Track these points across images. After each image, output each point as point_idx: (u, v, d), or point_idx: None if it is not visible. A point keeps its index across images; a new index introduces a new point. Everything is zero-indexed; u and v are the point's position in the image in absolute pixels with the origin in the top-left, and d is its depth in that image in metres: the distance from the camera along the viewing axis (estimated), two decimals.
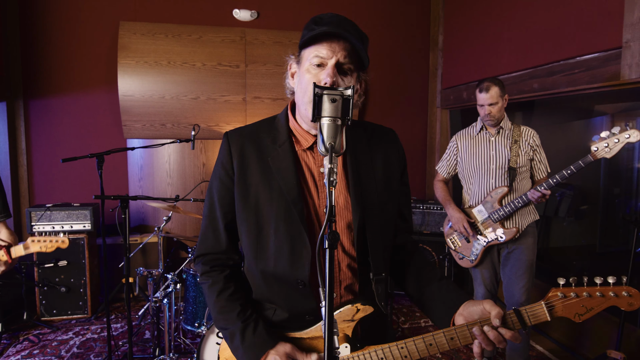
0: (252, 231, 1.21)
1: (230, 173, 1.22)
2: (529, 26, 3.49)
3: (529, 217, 2.75)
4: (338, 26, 1.11)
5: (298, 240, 1.16)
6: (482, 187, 2.78)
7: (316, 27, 1.12)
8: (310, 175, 1.22)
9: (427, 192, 5.12)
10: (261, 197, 1.19)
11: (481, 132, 2.82)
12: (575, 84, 3.07)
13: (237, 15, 4.50)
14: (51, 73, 4.22)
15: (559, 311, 1.07)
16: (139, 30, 4.25)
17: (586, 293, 1.06)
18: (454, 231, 2.92)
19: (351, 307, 1.17)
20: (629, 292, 1.05)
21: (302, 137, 1.23)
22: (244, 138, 1.24)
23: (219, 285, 1.25)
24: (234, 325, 1.19)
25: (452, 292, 1.21)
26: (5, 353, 3.22)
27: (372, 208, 1.20)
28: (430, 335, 1.10)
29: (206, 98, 4.40)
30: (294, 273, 1.17)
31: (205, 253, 1.29)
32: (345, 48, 1.12)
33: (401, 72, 4.98)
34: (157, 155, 4.50)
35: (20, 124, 4.20)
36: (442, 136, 4.93)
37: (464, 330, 1.08)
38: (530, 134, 2.72)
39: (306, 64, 1.15)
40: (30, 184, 4.30)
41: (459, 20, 4.54)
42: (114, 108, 4.31)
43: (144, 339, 3.44)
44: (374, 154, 1.26)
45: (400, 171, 1.31)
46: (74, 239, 3.78)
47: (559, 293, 1.07)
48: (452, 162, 2.98)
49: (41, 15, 4.15)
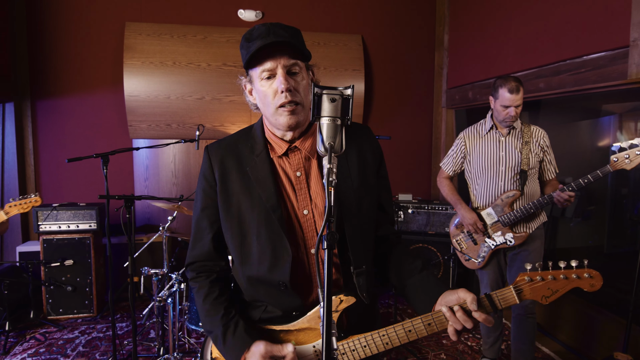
0: (235, 238, 1.28)
1: (212, 184, 1.29)
2: (534, 25, 3.46)
3: (538, 220, 2.71)
4: (268, 35, 1.14)
5: (279, 245, 1.22)
6: (491, 189, 2.72)
7: (250, 44, 1.16)
8: (287, 180, 1.27)
9: (432, 192, 5.10)
10: (243, 206, 1.26)
11: (491, 132, 2.72)
12: (581, 84, 3.03)
13: (242, 16, 4.51)
14: (58, 74, 4.26)
15: (527, 294, 1.15)
16: (145, 30, 4.27)
17: (551, 276, 1.14)
18: (460, 232, 2.87)
19: (334, 299, 1.22)
20: (590, 274, 1.13)
21: (276, 145, 1.28)
22: (223, 150, 1.30)
23: (205, 290, 1.31)
24: (217, 328, 1.25)
25: (432, 283, 1.26)
26: (12, 351, 3.25)
27: (349, 206, 1.24)
28: (409, 322, 1.17)
29: (211, 98, 4.42)
30: (275, 276, 1.23)
31: (193, 261, 1.37)
32: (285, 52, 1.16)
33: (406, 71, 4.96)
34: (162, 155, 4.52)
35: (27, 125, 4.24)
36: (448, 136, 4.90)
37: (440, 316, 1.15)
38: (541, 135, 2.66)
39: (257, 81, 1.20)
40: (38, 184, 4.33)
41: (465, 20, 4.51)
42: (119, 108, 4.34)
43: (149, 338, 3.46)
44: (349, 152, 1.29)
45: (376, 165, 1.35)
46: (80, 238, 3.81)
47: (526, 277, 1.15)
48: (459, 160, 2.89)
49: (48, 17, 4.19)
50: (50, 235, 3.75)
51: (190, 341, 3.26)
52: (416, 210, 4.27)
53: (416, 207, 4.28)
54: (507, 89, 2.52)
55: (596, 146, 4.61)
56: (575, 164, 4.39)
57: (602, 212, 4.38)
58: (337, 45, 4.65)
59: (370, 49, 4.83)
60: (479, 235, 2.77)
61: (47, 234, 3.75)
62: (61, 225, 3.78)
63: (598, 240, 4.53)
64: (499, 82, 2.58)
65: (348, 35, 4.71)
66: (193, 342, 3.26)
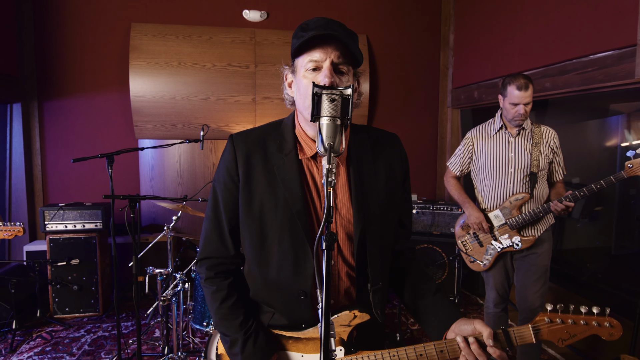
0: (255, 239, 1.22)
1: (235, 179, 1.21)
2: (540, 24, 3.43)
3: (546, 223, 2.66)
4: (326, 28, 1.10)
5: (302, 252, 1.17)
6: (499, 191, 2.66)
7: (305, 33, 1.11)
8: (314, 186, 1.21)
9: (437, 192, 5.07)
10: (266, 206, 1.19)
11: (500, 132, 2.67)
12: (588, 83, 3.00)
13: (247, 16, 4.52)
14: (64, 75, 4.29)
15: (544, 335, 1.13)
16: (150, 31, 4.30)
17: (571, 320, 1.13)
18: (465, 233, 2.84)
19: (349, 313, 1.19)
20: (611, 323, 1.12)
21: (306, 145, 1.22)
22: (249, 144, 1.22)
23: (223, 293, 1.25)
24: (236, 333, 1.21)
25: (446, 307, 1.23)
26: (19, 349, 3.28)
27: (374, 220, 1.20)
28: (422, 346, 1.13)
29: (216, 98, 4.43)
30: (296, 283, 1.19)
31: (209, 256, 1.29)
32: (337, 48, 1.11)
33: (411, 71, 4.94)
34: (167, 155, 4.54)
35: (34, 125, 4.28)
36: (453, 136, 4.88)
37: (454, 345, 1.12)
38: (551, 135, 2.62)
39: (302, 71, 1.14)
40: (44, 184, 4.37)
41: (470, 19, 4.49)
42: (125, 109, 4.37)
43: (154, 337, 3.47)
44: (378, 163, 1.25)
45: (402, 179, 1.31)
46: (86, 237, 3.84)
47: (546, 318, 1.14)
48: (466, 160, 2.84)
49: (54, 18, 4.22)
50: (56, 235, 3.78)
51: (194, 340, 3.27)
52: (421, 210, 4.25)
53: (421, 207, 4.26)
54: (515, 86, 2.48)
55: (604, 146, 4.56)
56: (582, 165, 4.35)
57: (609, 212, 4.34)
58: None
59: (375, 48, 4.82)
60: (485, 237, 2.73)
61: (53, 234, 3.78)
62: (67, 224, 3.80)
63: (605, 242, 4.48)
64: (508, 80, 2.54)
65: None
66: (197, 342, 3.27)
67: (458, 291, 4.05)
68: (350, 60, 1.14)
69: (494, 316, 2.83)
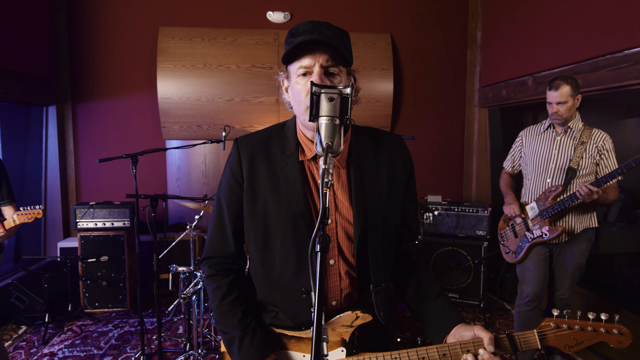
0: (259, 239, 1.23)
1: (239, 180, 1.24)
2: (571, 19, 3.29)
3: (584, 222, 2.70)
4: (312, 32, 1.11)
5: (304, 251, 1.19)
6: (538, 185, 2.79)
7: (293, 39, 1.12)
8: (315, 187, 1.22)
9: (463, 194, 4.95)
10: (269, 206, 1.21)
11: (547, 130, 2.78)
12: (622, 79, 2.85)
13: (271, 18, 4.55)
14: (96, 78, 4.46)
15: (550, 340, 1.10)
16: (177, 35, 4.40)
17: (578, 326, 1.09)
18: (505, 225, 3.00)
19: (351, 314, 1.18)
20: (620, 331, 1.08)
21: (306, 148, 1.23)
22: (253, 146, 1.25)
23: (223, 290, 1.27)
24: (234, 331, 1.22)
25: (447, 311, 1.22)
26: (50, 342, 3.42)
27: (375, 221, 1.20)
28: (424, 349, 1.11)
29: (240, 99, 4.49)
30: (299, 282, 1.20)
31: (211, 256, 1.32)
32: (326, 51, 1.12)
33: (437, 70, 4.84)
34: (193, 156, 4.64)
35: (68, 127, 4.47)
36: (481, 136, 4.75)
37: (457, 349, 1.10)
38: (601, 137, 2.63)
39: (294, 77, 1.16)
40: (78, 183, 4.55)
41: (498, 15, 4.35)
42: (153, 110, 4.49)
43: (178, 334, 3.55)
44: (380, 164, 1.25)
45: (405, 180, 1.30)
46: (114, 235, 3.96)
47: (552, 323, 1.10)
48: (517, 157, 3.00)
49: (87, 25, 4.39)
50: (87, 232, 3.93)
51: (216, 338, 3.32)
52: (445, 212, 4.16)
53: (445, 208, 4.17)
54: (549, 86, 2.62)
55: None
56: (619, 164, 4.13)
57: None
58: (365, 45, 4.61)
59: (400, 47, 4.75)
60: (520, 228, 2.85)
61: (84, 231, 3.93)
62: (97, 222, 3.94)
63: None
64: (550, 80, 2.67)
65: (377, 34, 4.66)
66: (219, 339, 3.32)
67: (483, 295, 3.94)
68: (340, 61, 1.14)
69: (524, 315, 2.84)
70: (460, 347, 1.10)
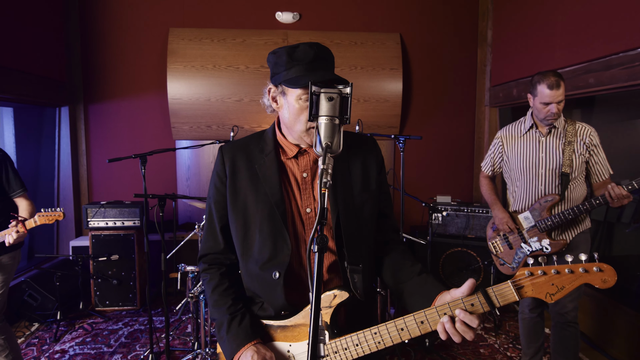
0: (239, 231, 1.32)
1: (223, 180, 1.34)
2: (583, 17, 3.23)
3: (579, 227, 2.53)
4: (314, 62, 1.17)
5: (280, 239, 1.26)
6: (529, 192, 2.57)
7: (295, 63, 1.18)
8: (294, 179, 1.31)
9: (474, 194, 4.90)
10: (249, 200, 1.30)
11: (530, 131, 2.56)
12: (636, 78, 2.79)
13: (280, 18, 4.56)
14: (108, 79, 4.52)
15: (528, 291, 1.05)
16: (187, 36, 4.43)
17: (554, 270, 1.03)
18: (497, 235, 2.76)
19: (328, 294, 1.21)
20: (600, 268, 1.01)
21: (288, 148, 1.32)
22: (235, 150, 1.36)
23: (215, 281, 1.36)
24: (223, 316, 1.29)
25: (430, 284, 1.22)
26: (62, 339, 3.47)
27: (349, 207, 1.27)
28: (402, 319, 1.11)
29: (249, 100, 4.50)
30: (272, 266, 1.26)
31: (205, 254, 1.41)
32: None
33: (447, 69, 4.80)
34: (203, 155, 4.67)
35: (80, 127, 4.53)
36: (491, 136, 4.69)
37: (433, 314, 1.08)
38: (587, 132, 2.45)
39: (294, 97, 1.20)
40: (89, 183, 4.62)
41: (509, 13, 4.30)
42: (164, 111, 4.53)
43: (186, 333, 3.58)
44: (352, 161, 1.33)
45: (377, 170, 1.37)
46: (125, 234, 4.01)
47: (526, 272, 1.05)
48: (497, 160, 2.77)
49: (98, 26, 4.46)
50: (98, 231, 3.98)
51: None
52: (454, 212, 4.12)
53: (455, 209, 4.13)
54: (546, 85, 2.36)
55: None
56: (631, 165, 4.06)
57: None
58: (374, 45, 4.59)
59: (409, 47, 4.72)
60: (514, 239, 2.64)
61: (95, 230, 3.99)
62: (108, 222, 3.99)
63: None
64: (537, 78, 2.42)
65: (386, 34, 4.64)
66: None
67: None
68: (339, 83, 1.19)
69: (529, 322, 2.74)
70: (437, 311, 1.08)
